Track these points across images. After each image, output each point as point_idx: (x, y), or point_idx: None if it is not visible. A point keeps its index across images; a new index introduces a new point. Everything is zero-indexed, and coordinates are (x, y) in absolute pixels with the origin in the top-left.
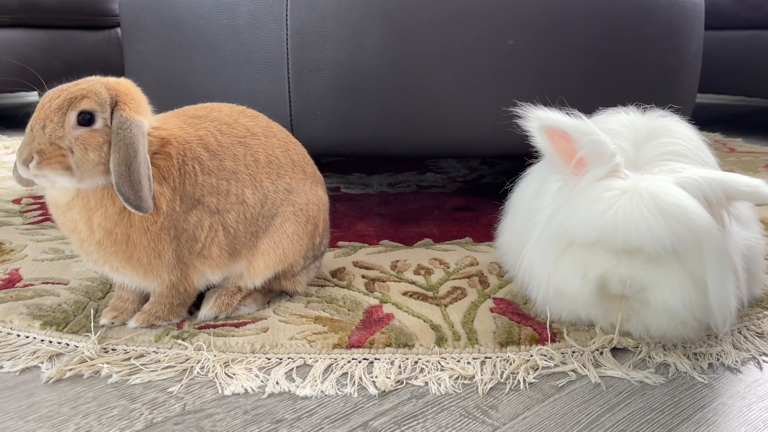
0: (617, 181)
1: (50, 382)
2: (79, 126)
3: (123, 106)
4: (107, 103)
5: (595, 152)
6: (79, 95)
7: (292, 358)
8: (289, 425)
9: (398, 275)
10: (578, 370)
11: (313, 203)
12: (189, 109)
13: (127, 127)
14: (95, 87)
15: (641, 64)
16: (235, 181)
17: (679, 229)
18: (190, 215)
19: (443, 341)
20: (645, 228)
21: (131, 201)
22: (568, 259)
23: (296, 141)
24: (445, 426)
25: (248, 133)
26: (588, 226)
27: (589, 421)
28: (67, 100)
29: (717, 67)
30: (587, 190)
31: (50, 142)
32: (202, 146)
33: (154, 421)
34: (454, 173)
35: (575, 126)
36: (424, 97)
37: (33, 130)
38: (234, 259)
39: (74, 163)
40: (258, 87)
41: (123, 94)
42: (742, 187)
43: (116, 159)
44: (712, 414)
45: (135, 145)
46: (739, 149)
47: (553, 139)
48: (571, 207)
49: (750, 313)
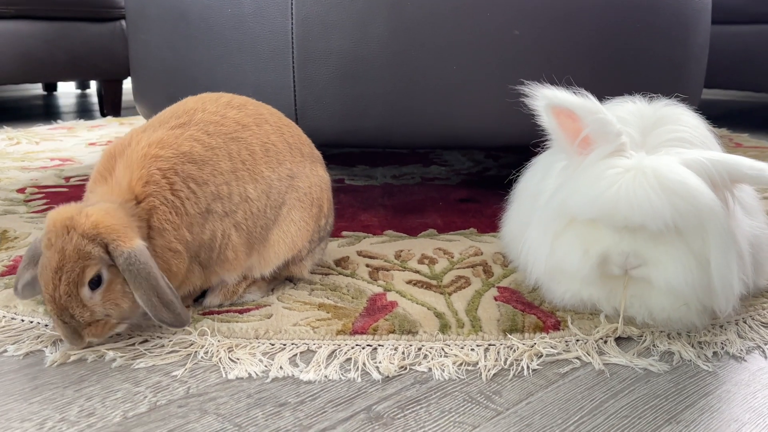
0: (621, 159)
1: (54, 366)
2: (93, 292)
3: (114, 243)
4: (101, 252)
5: (600, 131)
6: (79, 270)
7: (295, 343)
8: (293, 408)
9: (402, 264)
10: (582, 357)
11: (316, 185)
12: (170, 118)
13: (134, 261)
14: (85, 250)
15: (648, 55)
16: (235, 180)
17: (681, 206)
18: (204, 229)
19: (447, 328)
20: (647, 204)
21: (174, 323)
22: (569, 236)
23: (290, 122)
24: (448, 410)
25: (239, 127)
26: (590, 202)
27: (592, 407)
28: (73, 282)
29: (724, 62)
30: (591, 167)
31: (88, 324)
32: (188, 162)
33: (157, 403)
34: (459, 166)
35: (581, 104)
36: (429, 88)
37: (62, 318)
38: (249, 257)
39: (117, 319)
40: (263, 76)
41: (106, 232)
42: (748, 170)
43: (142, 295)
44: (716, 401)
45: (151, 273)
46: (746, 144)
47: (560, 117)
48: (573, 184)
49: (755, 303)
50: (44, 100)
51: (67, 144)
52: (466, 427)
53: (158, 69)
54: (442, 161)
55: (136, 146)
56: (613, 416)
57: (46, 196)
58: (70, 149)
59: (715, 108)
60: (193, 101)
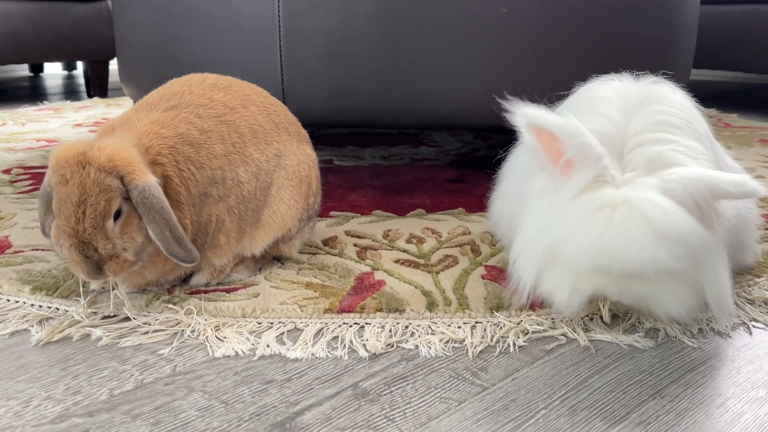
0: (606, 191)
1: (40, 345)
2: (115, 224)
3: (129, 176)
4: (121, 186)
5: (581, 155)
6: (104, 202)
7: (283, 322)
8: (280, 385)
9: (390, 244)
10: (568, 334)
11: (304, 162)
12: (159, 100)
13: (148, 195)
14: (106, 183)
15: (636, 33)
16: (228, 164)
17: (676, 251)
18: (202, 213)
19: (434, 306)
20: (644, 254)
21: (185, 259)
22: (558, 270)
23: (276, 101)
24: (434, 387)
25: (227, 110)
26: (584, 253)
27: (577, 382)
28: (99, 215)
29: (714, 42)
30: (576, 204)
31: (110, 257)
32: (187, 144)
33: (144, 381)
34: (448, 147)
35: (563, 127)
36: (418, 67)
37: (84, 253)
38: (240, 242)
39: (132, 255)
40: (249, 55)
41: (121, 165)
42: (729, 186)
43: (156, 229)
44: (701, 376)
45: (165, 207)
46: (735, 124)
47: (540, 136)
48: (562, 227)
49: (741, 281)
50: (30, 81)
51: (54, 125)
52: (452, 403)
53: (144, 49)
54: (432, 142)
55: (137, 122)
56: (598, 391)
57: (32, 177)
58: (56, 130)
59: (704, 88)
60: (179, 84)
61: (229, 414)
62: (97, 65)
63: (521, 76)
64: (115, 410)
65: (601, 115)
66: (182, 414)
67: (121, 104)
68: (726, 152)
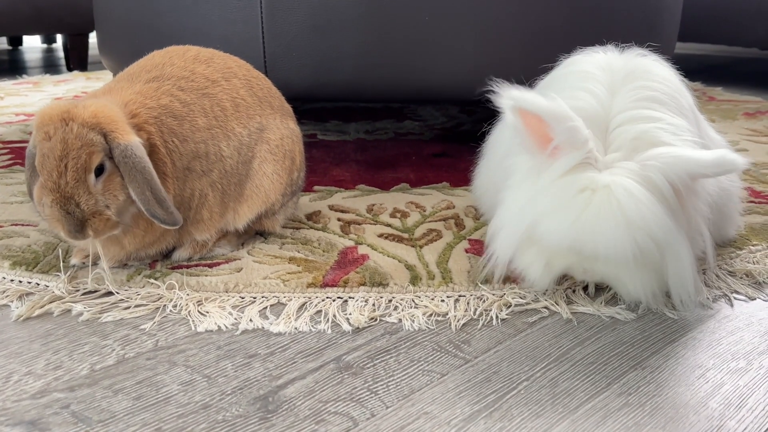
0: (588, 173)
1: (20, 320)
2: (97, 180)
3: (113, 134)
4: (103, 141)
5: (568, 139)
6: (86, 156)
7: (266, 296)
8: (263, 359)
9: (374, 218)
10: (550, 307)
11: (287, 137)
12: (140, 72)
13: (131, 154)
14: (89, 138)
15: (622, 6)
16: (210, 138)
17: (642, 241)
18: (185, 187)
19: (417, 280)
20: (611, 242)
21: (166, 221)
22: (532, 250)
23: (259, 74)
24: (417, 359)
25: (209, 83)
26: (560, 234)
27: (559, 354)
28: (81, 168)
29: (699, 16)
30: (558, 185)
31: (92, 213)
32: (170, 116)
33: (126, 356)
34: (432, 121)
35: (550, 111)
36: (402, 39)
37: (66, 208)
38: (223, 217)
39: (115, 214)
40: (230, 27)
41: (105, 122)
42: (705, 168)
43: (136, 188)
44: (682, 347)
45: (147, 167)
46: (719, 98)
47: (526, 119)
48: (542, 207)
49: (723, 253)
50: (9, 55)
51: (33, 99)
52: (434, 375)
53: (123, 21)
54: (416, 116)
55: (120, 91)
56: (580, 363)
57: (12, 152)
58: (35, 104)
59: (689, 62)
60: (160, 56)
61: (212, 388)
62: (77, 38)
63: (507, 48)
64: (96, 385)
65: (586, 91)
66: (164, 388)
67: (101, 77)
68: (710, 126)
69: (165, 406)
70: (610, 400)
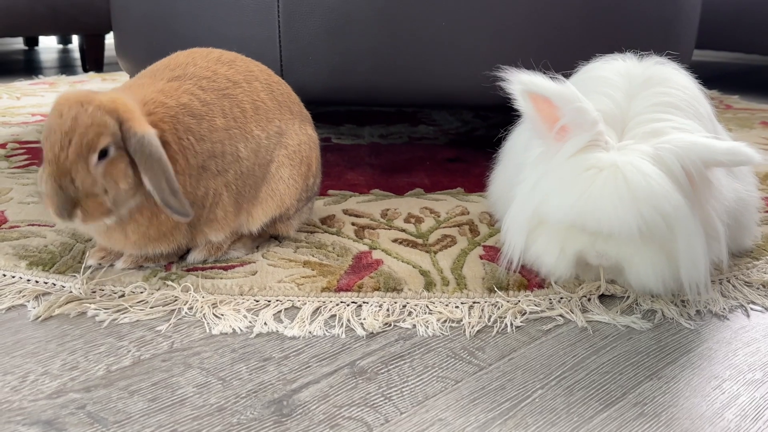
0: (596, 154)
1: (37, 320)
2: (99, 162)
3: (129, 123)
4: (116, 128)
5: (577, 120)
6: (93, 135)
7: (280, 300)
8: (277, 363)
9: (388, 223)
10: (565, 315)
11: (305, 143)
12: (164, 70)
13: (147, 143)
14: (102, 119)
15: (639, 13)
16: (228, 139)
17: (648, 214)
18: (199, 186)
19: (432, 286)
20: (615, 216)
21: (179, 211)
22: (545, 234)
23: (279, 79)
24: (431, 366)
25: (230, 84)
26: (562, 210)
27: (574, 363)
28: (86, 145)
29: (716, 23)
30: (566, 165)
31: (86, 194)
32: (188, 115)
33: (141, 357)
34: (447, 126)
35: (558, 92)
36: (417, 44)
37: (60, 183)
38: (238, 217)
39: (111, 202)
40: (247, 31)
41: (123, 110)
42: (720, 154)
43: (152, 177)
44: (698, 358)
45: (162, 158)
46: (736, 106)
47: (536, 103)
48: (549, 186)
49: (739, 263)
50: (25, 55)
51: (49, 99)
52: (448, 382)
53: (140, 23)
54: (431, 121)
55: (140, 89)
56: (595, 372)
57: (28, 152)
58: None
59: (706, 69)
60: (184, 56)
61: (227, 391)
62: (93, 39)
63: (523, 55)
64: (112, 386)
65: (604, 95)
66: (179, 390)
67: (117, 79)
68: (728, 134)
69: (180, 408)
70: (626, 410)
